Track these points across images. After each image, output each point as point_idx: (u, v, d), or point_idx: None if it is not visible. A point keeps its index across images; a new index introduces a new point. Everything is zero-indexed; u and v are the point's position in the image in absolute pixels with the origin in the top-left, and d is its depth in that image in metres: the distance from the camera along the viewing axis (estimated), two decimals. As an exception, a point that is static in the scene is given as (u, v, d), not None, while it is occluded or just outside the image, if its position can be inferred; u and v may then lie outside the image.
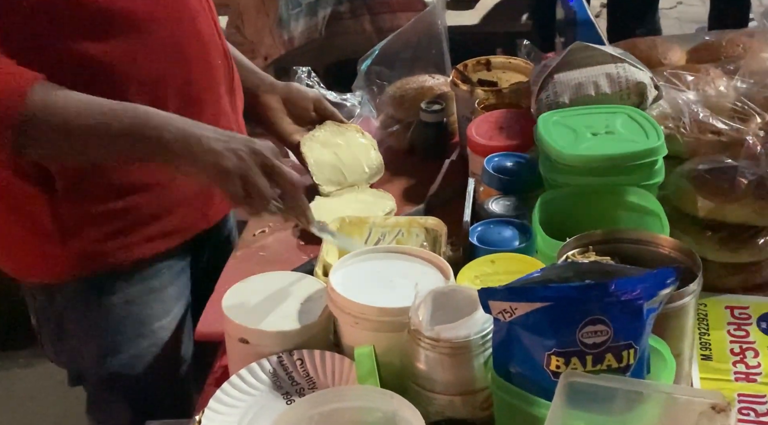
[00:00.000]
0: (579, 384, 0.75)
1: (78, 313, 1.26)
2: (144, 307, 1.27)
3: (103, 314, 1.25)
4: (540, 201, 1.13)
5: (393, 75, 1.65)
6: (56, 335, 1.30)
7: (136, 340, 1.27)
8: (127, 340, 1.26)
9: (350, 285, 0.98)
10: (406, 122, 1.62)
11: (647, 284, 0.78)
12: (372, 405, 0.80)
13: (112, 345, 1.26)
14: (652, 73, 1.31)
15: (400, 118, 1.60)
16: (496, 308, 0.80)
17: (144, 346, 1.27)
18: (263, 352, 0.98)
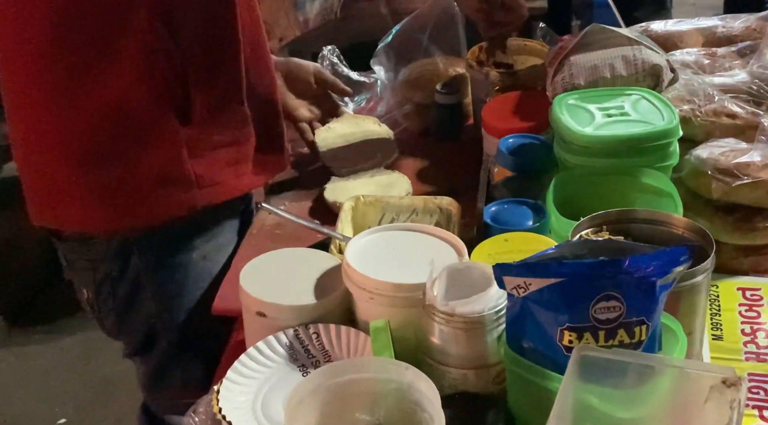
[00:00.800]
0: (591, 358, 0.76)
1: (155, 274, 1.28)
2: (216, 263, 1.31)
3: (183, 272, 1.28)
4: (554, 182, 1.14)
5: (409, 57, 1.65)
6: (126, 301, 1.30)
7: (208, 296, 1.28)
8: (202, 297, 1.30)
9: (366, 261, 0.99)
10: (420, 104, 1.63)
11: (661, 262, 0.79)
12: (387, 376, 0.82)
13: (189, 304, 1.30)
14: (667, 56, 1.31)
15: (416, 100, 1.61)
16: (510, 283, 0.81)
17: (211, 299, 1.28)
18: (280, 325, 0.99)
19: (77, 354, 2.56)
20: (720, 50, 1.42)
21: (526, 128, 1.31)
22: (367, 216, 1.24)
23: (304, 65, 1.50)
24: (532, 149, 1.25)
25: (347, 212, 1.23)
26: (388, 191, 1.37)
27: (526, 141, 1.27)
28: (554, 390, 0.82)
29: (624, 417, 0.77)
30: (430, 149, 1.56)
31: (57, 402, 2.39)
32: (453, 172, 1.48)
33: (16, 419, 2.35)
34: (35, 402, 2.39)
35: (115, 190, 1.21)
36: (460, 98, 1.58)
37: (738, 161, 1.15)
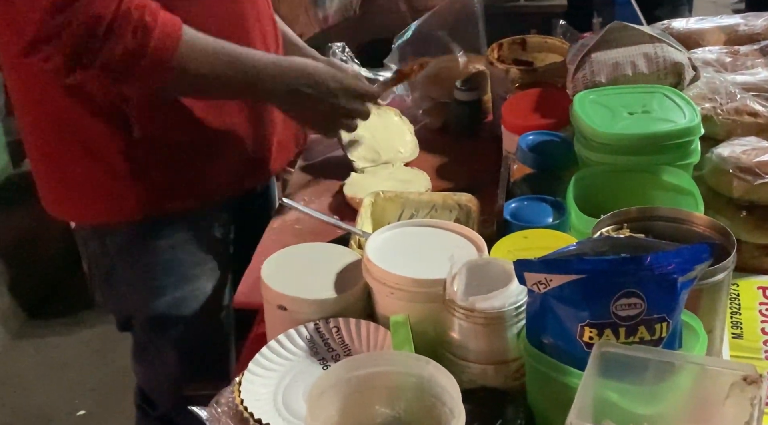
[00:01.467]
0: (612, 354, 0.76)
1: (128, 257, 1.32)
2: (187, 252, 1.32)
3: (151, 257, 1.31)
4: (575, 179, 1.14)
5: (428, 53, 1.66)
6: (106, 280, 1.37)
7: (179, 283, 1.33)
8: (172, 283, 1.33)
9: (386, 256, 1.00)
10: (440, 101, 1.63)
11: (682, 259, 0.80)
12: (407, 370, 0.82)
13: (159, 288, 1.33)
14: (689, 54, 1.31)
15: (435, 97, 1.61)
16: (531, 279, 0.82)
17: (187, 290, 1.34)
18: (300, 319, 1.00)
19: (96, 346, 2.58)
20: (742, 48, 1.42)
21: (546, 125, 1.31)
22: (387, 212, 1.25)
23: (344, 67, 1.51)
24: (552, 146, 1.26)
25: (367, 207, 1.23)
26: (407, 187, 1.38)
27: (546, 138, 1.27)
28: (574, 385, 0.82)
29: (644, 414, 0.77)
30: (449, 146, 1.56)
31: (76, 394, 2.41)
32: (472, 169, 1.49)
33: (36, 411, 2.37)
34: (55, 394, 2.41)
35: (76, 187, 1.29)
36: (479, 95, 1.58)
37: (760, 159, 1.15)
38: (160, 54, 1.12)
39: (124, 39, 1.09)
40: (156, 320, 1.35)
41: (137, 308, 1.37)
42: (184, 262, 1.33)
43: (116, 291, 1.37)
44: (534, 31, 2.10)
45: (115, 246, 1.32)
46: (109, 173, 1.25)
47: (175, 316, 1.34)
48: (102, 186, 1.27)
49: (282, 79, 1.23)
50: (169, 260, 1.32)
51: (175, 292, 1.33)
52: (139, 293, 1.34)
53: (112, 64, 1.10)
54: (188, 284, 1.34)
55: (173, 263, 1.32)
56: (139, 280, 1.33)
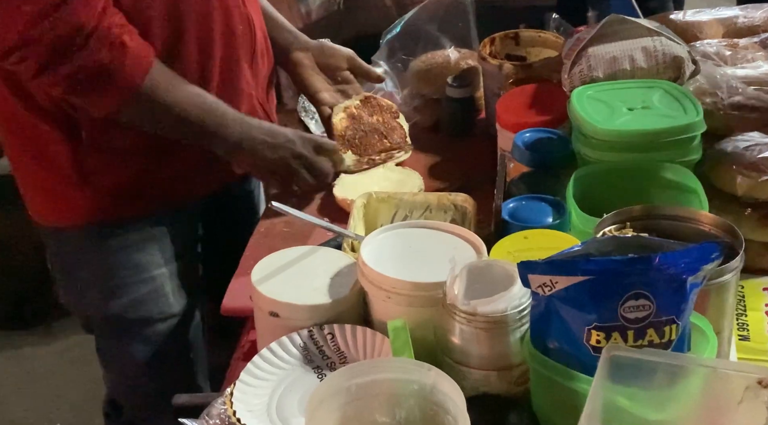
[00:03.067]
0: (621, 359, 0.76)
1: (82, 258, 1.34)
2: (142, 253, 1.33)
3: (103, 258, 1.32)
4: (574, 177, 1.14)
5: (417, 49, 1.65)
6: (65, 279, 1.38)
7: (135, 285, 1.34)
8: (126, 284, 1.33)
9: (382, 260, 0.99)
10: (430, 98, 1.63)
11: (691, 259, 0.80)
12: (409, 377, 0.82)
13: (112, 289, 1.33)
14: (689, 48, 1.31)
15: (425, 93, 1.61)
16: (535, 281, 0.81)
17: (143, 292, 1.34)
18: (294, 326, 1.00)
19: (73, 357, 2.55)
20: (742, 41, 1.43)
21: (543, 122, 1.31)
22: (380, 213, 1.24)
23: (337, 49, 1.52)
24: (549, 143, 1.25)
25: (359, 209, 1.23)
26: (399, 187, 1.37)
27: (543, 136, 1.27)
28: (580, 391, 0.82)
29: (655, 419, 0.77)
30: (441, 145, 1.56)
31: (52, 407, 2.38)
32: (466, 168, 1.49)
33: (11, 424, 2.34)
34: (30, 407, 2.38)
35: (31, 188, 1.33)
36: (472, 92, 1.58)
37: (764, 155, 1.15)
38: (131, 74, 1.16)
39: (99, 53, 1.13)
40: (112, 321, 1.36)
41: (94, 310, 1.37)
42: (141, 263, 1.33)
43: (74, 291, 1.38)
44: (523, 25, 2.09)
45: (71, 247, 1.34)
46: (59, 176, 1.27)
47: (130, 319, 1.35)
48: (53, 189, 1.29)
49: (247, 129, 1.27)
50: (125, 260, 1.32)
51: (129, 294, 1.33)
52: (93, 294, 1.35)
53: (81, 74, 1.14)
54: (144, 286, 1.33)
55: (129, 264, 1.32)
56: (95, 280, 1.34)
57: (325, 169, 1.33)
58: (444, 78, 1.58)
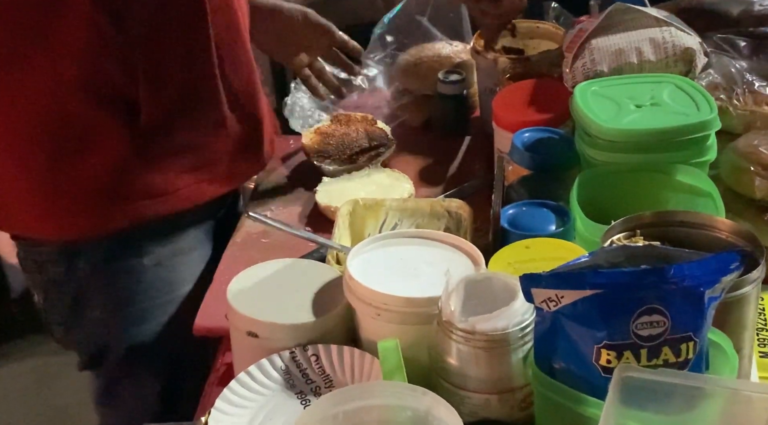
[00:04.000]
0: (634, 380, 0.76)
1: (102, 279, 1.28)
2: (172, 270, 1.30)
3: (132, 278, 1.28)
4: (578, 181, 1.14)
5: (409, 43, 1.65)
6: (72, 308, 1.31)
7: (164, 306, 1.30)
8: (156, 307, 1.30)
9: (371, 273, 0.98)
10: (420, 95, 1.62)
11: (709, 270, 0.79)
12: (402, 402, 0.81)
13: (141, 313, 1.29)
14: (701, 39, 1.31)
15: (414, 90, 1.60)
16: (539, 296, 0.81)
17: (172, 313, 1.31)
18: (274, 347, 0.99)
19: (28, 382, 2.53)
20: (757, 30, 1.43)
21: (543, 120, 1.30)
22: (367, 222, 1.24)
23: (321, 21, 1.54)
24: (551, 144, 1.25)
25: (344, 217, 1.22)
26: (387, 193, 1.37)
27: (544, 135, 1.26)
28: (590, 415, 0.81)
29: (671, 446, 0.76)
30: (432, 146, 1.55)
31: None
32: (459, 171, 1.48)
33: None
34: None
35: (56, 197, 1.23)
36: (465, 88, 1.57)
37: (784, 155, 1.15)
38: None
39: None
40: (135, 352, 1.31)
41: (113, 339, 1.32)
42: (168, 280, 1.30)
43: (85, 321, 1.32)
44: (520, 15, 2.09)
45: (86, 266, 1.28)
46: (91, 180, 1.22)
47: (158, 345, 1.30)
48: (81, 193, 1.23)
49: None
50: (153, 280, 1.29)
51: (158, 317, 1.30)
52: (116, 321, 1.30)
53: None
54: (172, 306, 1.30)
55: (157, 283, 1.29)
56: (117, 306, 1.29)
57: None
58: (434, 73, 1.58)
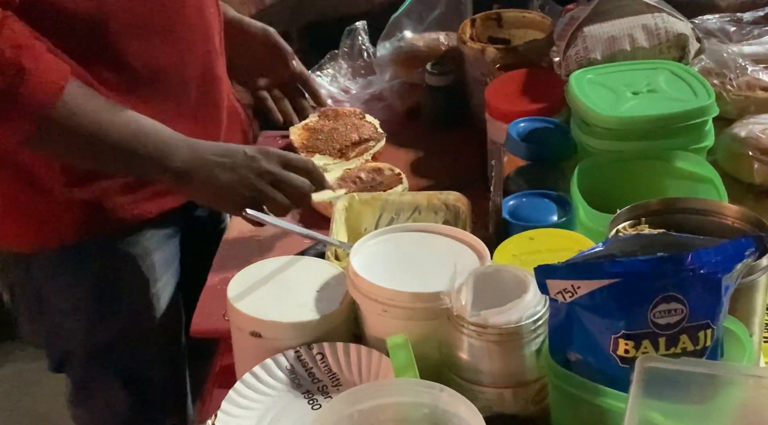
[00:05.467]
0: (655, 370, 0.75)
1: (59, 283, 1.27)
2: (132, 274, 1.27)
3: (88, 281, 1.26)
4: (578, 170, 1.13)
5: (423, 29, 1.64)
6: (35, 311, 1.31)
7: (125, 309, 1.28)
8: (117, 310, 1.28)
9: (375, 269, 0.97)
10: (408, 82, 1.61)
11: (725, 256, 0.79)
12: (417, 400, 0.80)
13: (100, 316, 1.27)
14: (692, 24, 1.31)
15: (405, 79, 1.59)
16: (555, 288, 0.80)
17: (134, 316, 1.29)
18: (279, 347, 0.97)
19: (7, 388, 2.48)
20: (745, 16, 1.43)
21: (537, 110, 1.29)
22: (363, 217, 1.22)
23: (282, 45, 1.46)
24: (547, 133, 1.24)
25: (341, 212, 1.20)
26: (380, 186, 1.35)
27: (539, 125, 1.25)
28: (608, 406, 0.81)
29: (694, 436, 0.76)
30: (423, 138, 1.54)
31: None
32: (452, 163, 1.47)
33: None
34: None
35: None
36: (454, 79, 1.56)
37: (782, 139, 1.15)
38: (35, 101, 1.05)
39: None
40: (99, 355, 1.30)
41: (75, 343, 1.31)
42: (128, 284, 1.28)
43: (47, 324, 1.31)
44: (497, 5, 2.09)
45: (41, 272, 1.27)
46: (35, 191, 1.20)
47: (121, 349, 1.29)
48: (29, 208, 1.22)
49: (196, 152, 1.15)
50: (111, 283, 1.27)
51: (120, 320, 1.28)
52: (76, 324, 1.29)
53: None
54: (135, 309, 1.29)
55: (115, 287, 1.27)
56: (75, 309, 1.28)
57: (299, 183, 1.17)
58: (423, 63, 1.57)
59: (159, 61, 1.21)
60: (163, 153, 1.13)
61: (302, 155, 1.44)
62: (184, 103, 1.25)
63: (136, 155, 1.13)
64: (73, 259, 1.25)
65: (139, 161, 1.13)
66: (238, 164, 1.15)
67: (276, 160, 1.17)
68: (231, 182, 1.14)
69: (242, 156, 1.16)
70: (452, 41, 1.61)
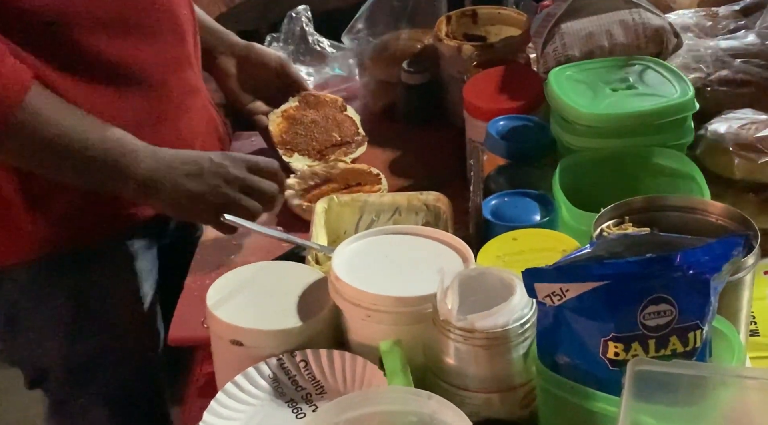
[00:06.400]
0: (646, 373, 0.74)
1: (33, 300, 1.24)
2: (110, 286, 1.25)
3: (64, 297, 1.23)
4: (560, 168, 1.12)
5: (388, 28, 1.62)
6: (9, 329, 1.28)
7: (105, 324, 1.26)
8: (95, 325, 1.25)
9: (357, 273, 0.95)
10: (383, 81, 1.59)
11: (713, 255, 0.78)
12: (406, 407, 0.78)
13: (77, 333, 1.25)
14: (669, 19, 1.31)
15: (382, 77, 1.57)
16: (543, 291, 0.79)
17: (114, 330, 1.27)
18: (260, 355, 0.95)
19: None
20: (720, 10, 1.43)
21: (516, 108, 1.28)
22: (343, 219, 1.20)
23: (266, 55, 1.45)
24: (526, 131, 1.23)
25: (320, 215, 1.18)
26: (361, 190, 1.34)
27: (518, 123, 1.24)
28: (598, 410, 0.80)
29: (686, 438, 0.75)
30: (400, 137, 1.52)
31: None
32: (429, 162, 1.46)
33: None
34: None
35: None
36: (430, 77, 1.54)
37: (761, 134, 1.15)
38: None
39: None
40: (77, 372, 1.27)
41: (52, 360, 1.28)
42: (105, 298, 1.25)
43: (22, 341, 1.28)
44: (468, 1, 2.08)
45: (15, 289, 1.24)
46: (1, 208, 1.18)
47: (100, 365, 1.26)
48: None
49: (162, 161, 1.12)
50: (88, 298, 1.24)
51: (97, 336, 1.25)
52: (52, 342, 1.26)
53: None
54: (112, 326, 1.26)
55: (92, 301, 1.24)
56: (51, 326, 1.25)
57: (267, 188, 1.16)
58: (398, 62, 1.55)
59: (128, 60, 1.18)
60: (126, 161, 1.10)
61: (280, 152, 1.42)
62: (156, 106, 1.23)
63: (97, 162, 1.10)
64: (48, 273, 1.22)
65: (100, 170, 1.11)
66: (206, 171, 1.13)
67: (243, 165, 1.15)
68: (199, 192, 1.12)
69: (209, 163, 1.14)
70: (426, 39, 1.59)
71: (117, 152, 1.10)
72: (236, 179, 1.14)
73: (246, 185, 1.14)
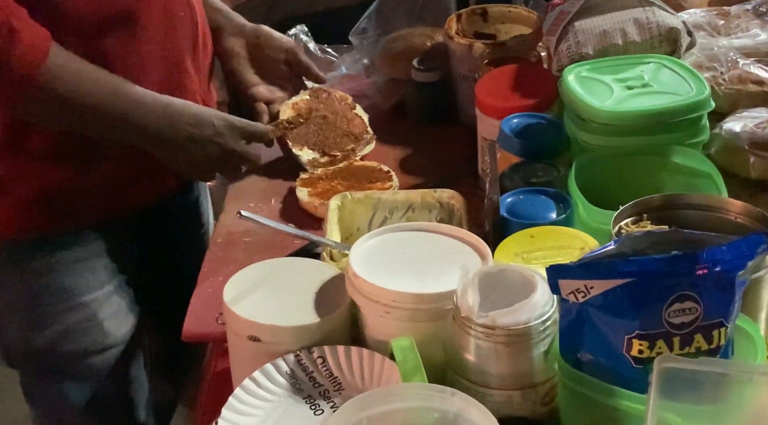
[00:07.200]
0: (673, 370, 0.74)
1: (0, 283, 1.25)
2: (70, 276, 1.25)
3: (24, 283, 1.25)
4: (576, 166, 1.12)
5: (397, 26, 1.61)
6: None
7: (63, 314, 1.26)
8: (53, 313, 1.26)
9: (375, 269, 0.95)
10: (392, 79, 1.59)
11: (738, 253, 0.78)
12: (428, 404, 0.78)
13: (36, 319, 1.26)
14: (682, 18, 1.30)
15: (393, 76, 1.57)
16: (567, 288, 0.78)
17: (73, 321, 1.27)
18: (278, 351, 0.94)
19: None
20: (733, 9, 1.43)
21: (529, 105, 1.28)
22: (356, 216, 1.20)
23: (276, 39, 1.44)
24: (540, 129, 1.23)
25: (333, 212, 1.18)
26: (371, 185, 1.33)
27: (532, 121, 1.24)
28: (622, 408, 0.79)
29: (712, 436, 0.75)
30: (410, 134, 1.52)
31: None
32: (440, 159, 1.45)
33: None
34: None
35: None
36: (441, 75, 1.54)
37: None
38: (24, 63, 1.07)
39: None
40: (38, 356, 1.28)
41: (14, 343, 1.29)
42: (65, 287, 1.25)
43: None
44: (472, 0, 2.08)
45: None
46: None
47: (59, 353, 1.27)
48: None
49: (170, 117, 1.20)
50: (46, 285, 1.25)
51: (57, 324, 1.26)
52: (13, 326, 1.27)
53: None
54: (74, 314, 1.26)
55: (51, 289, 1.25)
56: (12, 311, 1.26)
57: (254, 156, 1.29)
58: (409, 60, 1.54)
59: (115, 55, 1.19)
60: (138, 116, 1.17)
61: (290, 144, 1.41)
62: None
63: (113, 116, 1.16)
64: (8, 259, 1.24)
65: (117, 123, 1.17)
66: (206, 137, 1.22)
67: (239, 134, 1.25)
68: (198, 158, 1.22)
69: (210, 130, 1.22)
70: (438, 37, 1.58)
71: (130, 107, 1.17)
72: (232, 151, 1.24)
73: (239, 156, 1.26)
